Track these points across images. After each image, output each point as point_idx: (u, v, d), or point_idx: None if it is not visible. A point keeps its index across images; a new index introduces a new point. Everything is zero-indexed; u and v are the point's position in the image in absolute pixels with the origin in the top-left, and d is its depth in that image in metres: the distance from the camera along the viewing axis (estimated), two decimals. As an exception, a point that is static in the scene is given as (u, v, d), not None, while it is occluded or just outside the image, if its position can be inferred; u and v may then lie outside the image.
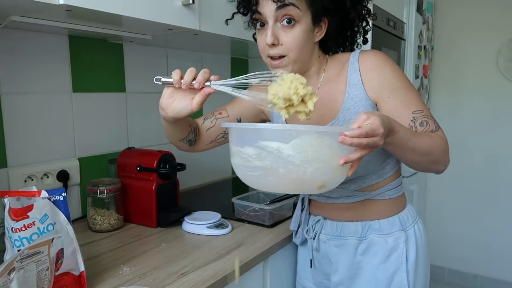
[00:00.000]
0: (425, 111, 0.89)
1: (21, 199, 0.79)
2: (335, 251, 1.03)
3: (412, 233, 0.99)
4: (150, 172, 1.22)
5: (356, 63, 0.92)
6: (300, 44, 0.87)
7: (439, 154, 0.86)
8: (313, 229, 1.06)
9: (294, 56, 0.88)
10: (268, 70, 0.85)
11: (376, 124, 0.69)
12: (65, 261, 0.80)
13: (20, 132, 1.16)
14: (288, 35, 0.86)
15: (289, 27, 0.86)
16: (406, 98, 0.89)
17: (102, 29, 1.15)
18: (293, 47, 0.87)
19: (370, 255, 0.98)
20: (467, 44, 2.64)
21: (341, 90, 0.93)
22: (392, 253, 0.96)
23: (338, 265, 1.02)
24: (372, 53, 0.93)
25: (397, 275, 0.96)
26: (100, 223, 1.18)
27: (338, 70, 0.96)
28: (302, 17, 0.86)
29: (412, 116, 0.87)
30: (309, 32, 0.88)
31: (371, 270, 0.98)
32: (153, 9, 1.01)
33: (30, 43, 1.17)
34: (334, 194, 1.01)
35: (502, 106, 2.57)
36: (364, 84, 0.91)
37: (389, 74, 0.90)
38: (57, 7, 0.84)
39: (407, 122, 0.87)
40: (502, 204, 2.63)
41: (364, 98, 0.90)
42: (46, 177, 1.23)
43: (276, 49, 0.88)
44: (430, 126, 0.88)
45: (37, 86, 1.20)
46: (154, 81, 0.87)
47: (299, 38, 0.87)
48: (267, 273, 1.13)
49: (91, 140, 1.36)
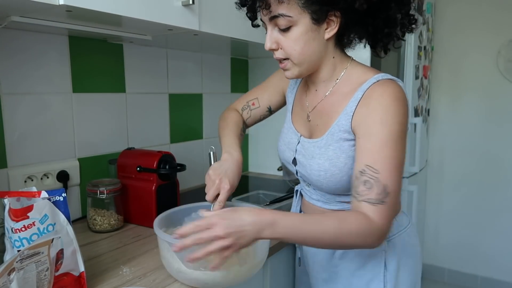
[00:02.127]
0: (382, 176, 0.77)
1: (21, 199, 0.79)
2: (314, 250, 1.03)
3: (397, 242, 0.95)
4: (150, 173, 1.22)
5: (361, 94, 0.86)
6: (301, 46, 0.85)
7: (352, 242, 0.77)
8: None
9: (297, 59, 0.87)
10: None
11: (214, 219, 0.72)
12: (65, 262, 0.80)
13: (20, 133, 1.16)
14: (286, 38, 0.85)
15: (285, 32, 0.85)
16: (371, 149, 0.80)
17: (102, 29, 1.15)
18: (292, 50, 0.85)
19: (346, 260, 0.97)
20: (467, 45, 2.64)
21: (338, 112, 0.90)
22: (369, 261, 0.94)
23: (315, 265, 1.04)
24: (379, 90, 0.84)
25: (373, 283, 0.94)
26: (100, 224, 1.18)
27: (348, 89, 0.90)
28: (298, 20, 0.83)
29: (363, 168, 0.79)
30: (310, 32, 0.84)
31: (346, 276, 0.97)
32: (153, 9, 1.01)
33: (30, 43, 1.17)
34: (314, 195, 1.01)
35: (502, 106, 2.57)
36: (353, 116, 0.85)
37: (375, 117, 0.81)
38: (57, 7, 0.84)
39: (356, 171, 0.81)
40: (502, 204, 2.63)
41: (348, 130, 0.86)
42: (46, 178, 1.22)
43: (278, 52, 0.88)
44: (371, 192, 0.77)
45: (37, 86, 1.20)
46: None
47: (298, 40, 0.84)
48: (267, 274, 1.13)
49: (91, 140, 1.36)
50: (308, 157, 0.94)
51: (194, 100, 1.79)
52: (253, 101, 1.15)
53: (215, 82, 1.89)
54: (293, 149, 1.00)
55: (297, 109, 1.04)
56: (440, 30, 2.72)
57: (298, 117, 1.03)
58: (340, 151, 0.88)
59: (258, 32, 1.36)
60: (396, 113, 0.81)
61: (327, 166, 0.89)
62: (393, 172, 0.79)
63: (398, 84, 0.85)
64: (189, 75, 1.74)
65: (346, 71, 0.92)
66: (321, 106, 0.95)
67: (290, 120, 1.04)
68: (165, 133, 1.65)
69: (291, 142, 1.01)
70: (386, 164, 0.78)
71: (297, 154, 0.98)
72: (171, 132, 1.67)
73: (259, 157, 2.13)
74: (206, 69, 1.82)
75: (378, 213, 0.77)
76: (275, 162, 1.88)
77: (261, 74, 2.08)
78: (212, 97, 1.88)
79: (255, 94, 1.16)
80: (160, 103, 1.61)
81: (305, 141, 0.96)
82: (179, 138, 1.72)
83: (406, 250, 0.96)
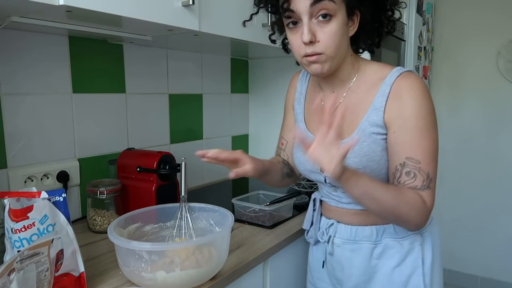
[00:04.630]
0: (423, 164, 0.83)
1: (21, 200, 0.79)
2: (349, 255, 1.00)
3: (428, 235, 0.97)
4: (150, 173, 1.22)
5: (388, 88, 0.86)
6: (337, 40, 0.83)
7: (406, 213, 0.83)
8: (326, 232, 1.04)
9: (332, 53, 0.84)
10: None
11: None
12: (65, 262, 0.80)
13: (20, 133, 1.16)
14: (325, 30, 0.82)
15: (325, 22, 0.81)
16: (410, 142, 0.83)
17: (102, 30, 1.15)
18: (331, 43, 0.82)
19: (385, 258, 0.96)
20: (467, 45, 2.64)
21: (364, 108, 0.89)
22: (408, 256, 0.95)
23: (353, 270, 1.00)
24: (407, 82, 0.85)
25: (413, 278, 0.94)
26: (100, 224, 1.18)
27: (369, 85, 0.91)
28: (338, 10, 0.81)
29: (404, 161, 0.84)
30: (345, 26, 0.84)
31: (386, 274, 0.96)
32: (153, 10, 1.01)
33: (30, 44, 1.17)
34: (343, 199, 0.99)
35: (502, 107, 2.58)
36: (385, 111, 0.86)
37: (409, 110, 0.83)
38: (57, 7, 0.83)
39: (395, 164, 0.85)
40: (502, 205, 2.63)
41: (381, 125, 0.87)
42: (46, 178, 1.22)
43: (313, 47, 0.83)
44: (416, 181, 0.83)
45: (37, 86, 1.20)
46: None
47: (336, 34, 0.82)
48: (267, 274, 1.13)
49: (91, 141, 1.36)
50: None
51: (194, 100, 1.79)
52: (281, 141, 1.16)
53: (215, 82, 1.89)
54: None
55: (311, 116, 1.02)
56: (440, 30, 2.72)
57: (313, 124, 1.01)
58: (375, 145, 0.88)
59: (258, 32, 1.37)
60: (427, 104, 0.85)
61: (364, 162, 0.88)
62: (432, 159, 0.84)
63: (418, 75, 0.88)
64: (189, 76, 1.74)
65: (361, 68, 0.93)
66: (342, 107, 0.92)
67: (305, 129, 1.02)
68: (165, 134, 1.65)
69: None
70: (425, 154, 0.83)
71: None
72: (171, 132, 1.67)
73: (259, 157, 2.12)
74: (206, 70, 1.82)
75: (426, 196, 0.84)
76: (275, 163, 1.88)
77: (261, 74, 2.08)
78: (212, 97, 1.88)
79: (281, 134, 1.16)
80: (160, 104, 1.61)
81: None
82: (179, 138, 1.72)
83: (436, 243, 0.98)
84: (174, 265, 0.82)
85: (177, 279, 0.81)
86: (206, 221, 1.01)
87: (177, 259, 0.82)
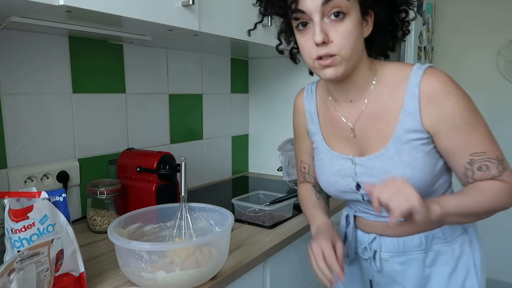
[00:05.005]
0: (489, 153, 0.79)
1: (21, 200, 0.79)
2: (399, 268, 0.92)
3: (472, 232, 0.94)
4: (150, 173, 1.22)
5: (416, 88, 0.80)
6: (352, 39, 0.76)
7: (499, 205, 0.80)
8: (370, 248, 0.94)
9: (347, 54, 0.77)
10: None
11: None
12: (65, 262, 0.80)
13: (20, 133, 1.16)
14: (338, 29, 0.75)
15: (338, 21, 0.75)
16: (467, 138, 0.79)
17: (102, 30, 1.15)
18: (346, 43, 0.76)
19: (438, 265, 0.91)
20: (467, 45, 2.64)
21: (393, 114, 0.82)
22: (460, 260, 0.91)
23: (406, 282, 0.93)
24: (436, 80, 0.79)
25: (468, 281, 0.91)
26: (100, 224, 1.18)
27: (392, 87, 0.84)
28: (351, 8, 0.75)
29: (470, 158, 0.80)
30: (359, 26, 0.78)
31: (442, 281, 0.91)
32: (153, 10, 1.01)
33: (30, 44, 1.17)
34: (383, 213, 0.87)
35: (502, 107, 2.57)
36: (422, 115, 0.80)
37: (452, 108, 0.78)
38: (57, 8, 0.84)
39: (463, 164, 0.81)
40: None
41: (419, 130, 0.81)
42: (46, 178, 1.22)
43: (326, 48, 0.76)
44: (491, 171, 0.80)
45: (37, 87, 1.20)
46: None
47: (351, 33, 0.76)
48: (267, 274, 1.13)
49: (91, 141, 1.36)
50: (379, 174, 0.84)
51: (194, 100, 1.79)
52: (303, 165, 1.08)
53: (215, 82, 1.89)
54: (351, 175, 0.88)
55: (330, 133, 0.94)
56: (440, 30, 2.72)
57: (335, 141, 0.93)
58: (416, 152, 0.81)
59: (258, 32, 1.36)
60: (463, 94, 0.80)
61: (409, 173, 0.81)
62: (493, 142, 0.81)
63: (439, 69, 0.83)
64: (189, 76, 1.74)
65: (378, 71, 0.86)
66: (366, 116, 0.86)
67: (327, 148, 0.93)
68: (165, 134, 1.65)
69: (342, 169, 0.90)
70: (485, 141, 0.80)
71: (359, 178, 0.87)
72: (171, 132, 1.67)
73: (259, 158, 2.13)
74: (206, 70, 1.82)
75: (507, 178, 0.81)
76: (275, 163, 1.88)
77: (261, 74, 2.08)
78: (212, 97, 1.88)
79: (299, 158, 1.08)
80: (160, 104, 1.61)
81: (365, 159, 0.86)
82: (179, 138, 1.72)
83: (479, 241, 0.96)
84: (174, 265, 0.82)
85: (177, 279, 0.81)
86: (206, 221, 1.01)
87: (177, 259, 0.82)
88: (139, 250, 0.84)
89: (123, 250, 0.83)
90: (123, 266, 0.84)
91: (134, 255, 0.84)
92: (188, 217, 0.97)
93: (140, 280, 0.82)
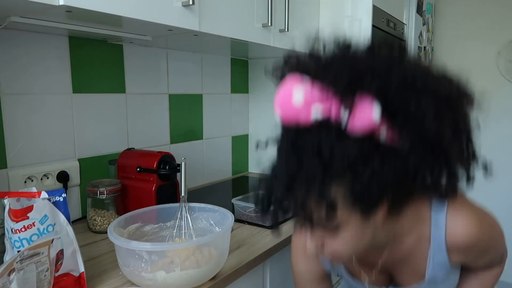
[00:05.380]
0: (496, 258, 0.84)
1: (21, 200, 0.79)
2: None
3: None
4: (150, 173, 1.22)
5: (442, 242, 0.72)
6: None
7: (496, 283, 0.88)
8: None
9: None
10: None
11: None
12: (65, 262, 0.80)
13: (20, 133, 1.16)
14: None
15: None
16: (484, 260, 0.82)
17: (102, 30, 1.15)
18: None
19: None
20: (467, 45, 2.64)
21: (419, 258, 0.76)
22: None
23: None
24: (461, 235, 0.71)
25: None
26: (100, 224, 1.18)
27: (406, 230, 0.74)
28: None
29: (479, 271, 0.86)
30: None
31: None
32: (153, 10, 1.01)
33: (30, 44, 1.17)
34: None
35: (502, 107, 2.57)
36: (451, 260, 0.75)
37: (478, 251, 0.76)
38: (57, 8, 0.83)
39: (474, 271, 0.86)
40: (501, 205, 2.63)
41: (449, 269, 0.77)
42: (46, 178, 1.22)
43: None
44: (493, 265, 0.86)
45: (37, 87, 1.20)
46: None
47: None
48: (267, 274, 1.13)
49: (91, 141, 1.36)
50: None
51: (194, 100, 1.79)
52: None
53: (215, 82, 1.89)
54: None
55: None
56: (440, 30, 2.72)
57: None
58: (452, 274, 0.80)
59: (258, 32, 1.37)
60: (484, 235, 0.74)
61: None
62: (502, 243, 0.82)
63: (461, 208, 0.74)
64: (189, 76, 1.74)
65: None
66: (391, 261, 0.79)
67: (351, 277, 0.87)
68: (165, 134, 1.65)
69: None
70: (496, 252, 0.82)
71: None
72: (171, 132, 1.67)
73: (259, 158, 2.12)
74: (206, 70, 1.82)
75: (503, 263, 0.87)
76: (275, 163, 1.88)
77: (261, 74, 2.08)
78: (212, 97, 1.88)
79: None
80: (160, 104, 1.61)
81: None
82: (179, 138, 1.72)
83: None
84: (174, 265, 0.82)
85: (177, 279, 0.81)
86: (206, 221, 1.01)
87: (177, 259, 0.82)
88: (139, 250, 0.84)
89: (123, 250, 0.83)
90: (123, 266, 0.84)
91: (134, 255, 0.84)
92: (188, 217, 0.97)
93: (140, 280, 0.82)
